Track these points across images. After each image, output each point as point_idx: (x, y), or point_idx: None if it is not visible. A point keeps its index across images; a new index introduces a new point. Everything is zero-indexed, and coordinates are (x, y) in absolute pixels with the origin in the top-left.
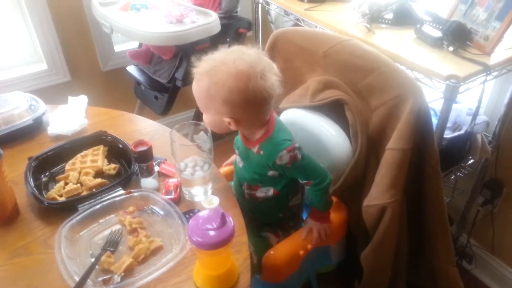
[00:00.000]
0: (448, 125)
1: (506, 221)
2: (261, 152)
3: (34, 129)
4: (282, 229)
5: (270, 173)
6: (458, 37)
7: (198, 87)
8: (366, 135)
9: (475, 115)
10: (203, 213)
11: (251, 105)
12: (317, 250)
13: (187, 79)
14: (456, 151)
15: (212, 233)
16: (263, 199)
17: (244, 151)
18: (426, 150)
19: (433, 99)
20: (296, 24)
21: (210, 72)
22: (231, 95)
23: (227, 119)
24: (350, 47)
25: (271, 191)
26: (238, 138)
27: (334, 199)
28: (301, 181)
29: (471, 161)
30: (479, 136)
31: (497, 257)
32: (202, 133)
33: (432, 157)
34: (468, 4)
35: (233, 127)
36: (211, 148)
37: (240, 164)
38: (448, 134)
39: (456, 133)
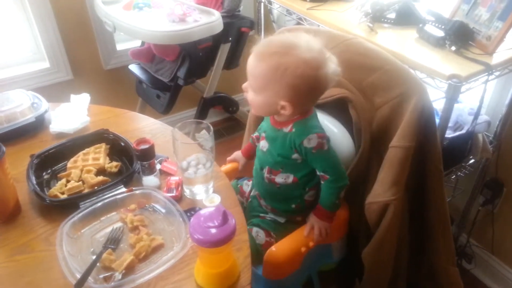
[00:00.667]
0: (450, 124)
1: (506, 221)
2: (293, 130)
3: (36, 127)
4: (283, 225)
5: (294, 156)
6: (461, 37)
7: (260, 67)
8: (369, 133)
9: (476, 115)
10: (204, 211)
11: (313, 92)
12: (319, 248)
13: (189, 78)
14: (457, 151)
15: (213, 231)
16: (281, 185)
17: (272, 133)
18: (429, 149)
19: (434, 98)
20: (298, 23)
21: (281, 53)
22: (299, 81)
23: (284, 103)
24: (354, 45)
25: (290, 178)
26: (264, 123)
27: None
28: (318, 173)
29: (472, 160)
30: (480, 136)
31: (497, 257)
32: (204, 131)
33: (435, 155)
34: (471, 4)
35: (287, 111)
36: (212, 146)
37: (264, 148)
38: (449, 134)
39: (457, 133)
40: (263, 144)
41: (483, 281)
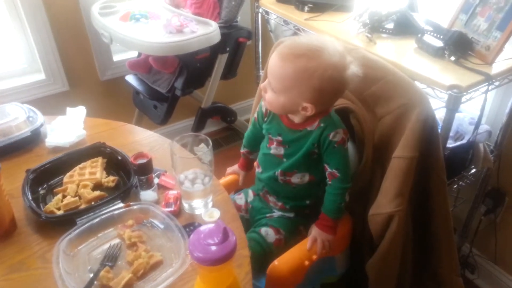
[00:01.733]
0: (450, 134)
1: (508, 230)
2: (321, 124)
3: (32, 141)
4: (291, 220)
5: (314, 150)
6: (460, 47)
7: (287, 68)
8: (372, 144)
9: (477, 125)
10: (204, 228)
11: (337, 93)
12: (322, 261)
13: (187, 89)
14: (458, 161)
15: (214, 248)
16: (297, 185)
17: (291, 136)
18: (432, 159)
19: (434, 107)
20: (295, 33)
21: (308, 56)
22: (325, 84)
23: (307, 104)
24: (355, 56)
25: (306, 177)
26: (276, 127)
27: None
28: (329, 170)
29: (473, 170)
30: (481, 146)
31: (499, 267)
32: (202, 144)
33: (438, 165)
34: (469, 14)
35: (308, 112)
36: (211, 160)
37: (280, 152)
38: (450, 144)
39: (458, 143)
40: (278, 150)
41: None
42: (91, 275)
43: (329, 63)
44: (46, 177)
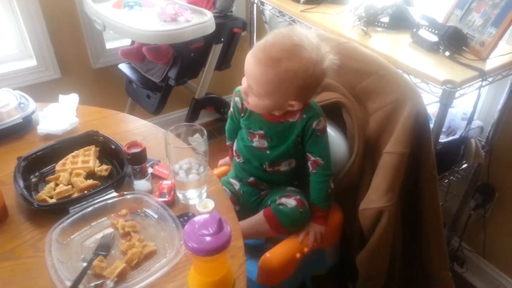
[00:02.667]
0: (443, 129)
1: (497, 225)
2: (304, 116)
3: (23, 128)
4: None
5: (297, 140)
6: (455, 42)
7: (267, 74)
8: (363, 138)
9: (470, 120)
10: (199, 218)
11: (319, 84)
12: (313, 253)
13: (181, 79)
14: (450, 156)
15: (208, 238)
16: (286, 171)
17: (273, 129)
18: (423, 154)
19: (427, 102)
20: (290, 25)
21: (286, 58)
22: (309, 80)
23: (293, 102)
24: (348, 49)
25: (293, 163)
26: (256, 121)
27: None
28: (312, 158)
29: (465, 165)
30: (473, 141)
31: (488, 261)
32: (197, 135)
33: (429, 161)
34: (465, 9)
35: (295, 107)
36: (206, 150)
37: (263, 146)
38: (442, 139)
39: (450, 138)
40: (261, 143)
41: (474, 284)
42: (84, 264)
43: (309, 60)
44: (38, 164)
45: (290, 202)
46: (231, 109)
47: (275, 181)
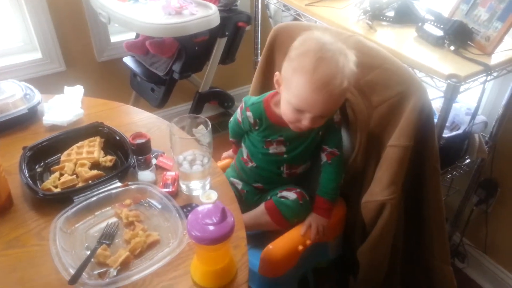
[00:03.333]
0: (446, 124)
1: (499, 221)
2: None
3: (29, 119)
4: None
5: (317, 137)
6: (460, 37)
7: (334, 93)
8: (366, 132)
9: (474, 115)
10: (202, 208)
11: None
12: (315, 246)
13: (185, 72)
14: (453, 151)
15: (211, 228)
16: (301, 172)
17: (291, 132)
18: (427, 148)
19: (432, 97)
20: (295, 19)
21: (341, 78)
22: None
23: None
24: (353, 43)
25: (308, 163)
26: (275, 130)
27: None
28: (328, 150)
29: (468, 160)
30: (476, 136)
31: (489, 256)
32: (201, 126)
33: (432, 155)
34: (470, 4)
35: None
36: (210, 142)
37: (282, 151)
38: (446, 133)
39: (454, 132)
40: (278, 149)
41: (475, 280)
42: (88, 252)
43: (348, 71)
44: (43, 155)
45: (291, 195)
46: (239, 118)
47: (284, 183)
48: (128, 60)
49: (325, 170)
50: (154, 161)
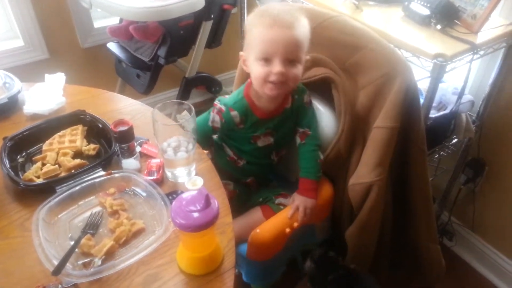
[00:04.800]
0: (433, 104)
1: (487, 199)
2: (296, 97)
3: (9, 108)
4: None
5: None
6: (446, 15)
7: (298, 33)
8: (350, 114)
9: (460, 95)
10: (186, 195)
11: None
12: (303, 228)
13: (170, 57)
14: (440, 131)
15: (195, 214)
16: (286, 151)
17: (276, 122)
18: (413, 129)
19: (418, 78)
20: (282, 1)
21: (299, 17)
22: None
23: (301, 66)
24: (338, 23)
25: (291, 142)
26: (261, 123)
27: None
28: (301, 129)
29: (455, 140)
30: (463, 116)
31: (477, 235)
32: (185, 112)
33: (418, 136)
34: None
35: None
36: (194, 127)
37: (270, 141)
38: (433, 113)
39: (441, 113)
40: (266, 141)
41: (463, 258)
42: (72, 242)
43: (299, 15)
44: (25, 145)
45: (287, 202)
46: (215, 124)
47: (276, 169)
48: (113, 46)
49: (301, 151)
50: (138, 149)
